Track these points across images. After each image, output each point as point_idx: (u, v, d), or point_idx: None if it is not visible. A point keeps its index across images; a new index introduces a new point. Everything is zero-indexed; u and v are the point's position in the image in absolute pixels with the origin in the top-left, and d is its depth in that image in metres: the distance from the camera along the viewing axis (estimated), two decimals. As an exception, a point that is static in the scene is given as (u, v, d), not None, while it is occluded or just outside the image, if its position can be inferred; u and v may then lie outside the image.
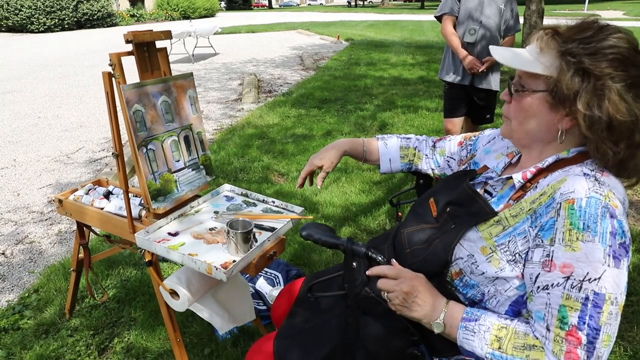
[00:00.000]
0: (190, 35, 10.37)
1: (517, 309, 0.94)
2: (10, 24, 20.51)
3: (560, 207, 0.85)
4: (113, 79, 1.34)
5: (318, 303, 1.24)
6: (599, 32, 0.89)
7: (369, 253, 1.00)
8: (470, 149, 1.29)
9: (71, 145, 4.83)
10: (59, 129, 5.38)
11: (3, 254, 2.79)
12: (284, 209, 1.60)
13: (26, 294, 2.34)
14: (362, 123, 5.22)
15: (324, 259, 2.53)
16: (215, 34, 12.50)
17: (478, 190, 1.06)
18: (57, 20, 21.16)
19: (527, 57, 0.94)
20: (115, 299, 2.24)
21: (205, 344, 1.95)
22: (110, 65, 1.32)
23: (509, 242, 0.92)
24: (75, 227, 1.84)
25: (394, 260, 1.00)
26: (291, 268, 2.36)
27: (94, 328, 2.06)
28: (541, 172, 0.96)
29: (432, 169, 1.39)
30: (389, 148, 1.42)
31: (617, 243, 0.82)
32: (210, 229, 1.45)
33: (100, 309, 2.18)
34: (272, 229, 1.44)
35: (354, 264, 1.01)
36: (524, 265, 0.90)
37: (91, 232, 1.89)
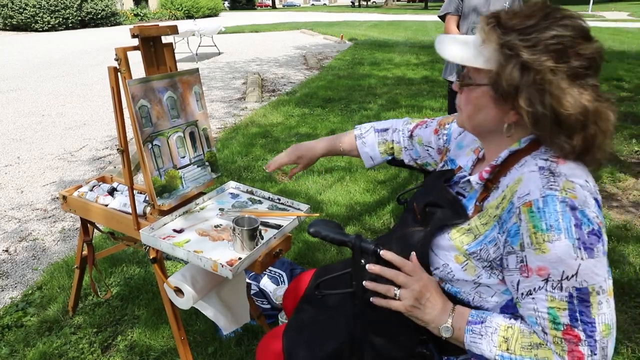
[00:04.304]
0: (194, 35, 10.37)
1: (510, 313, 0.92)
2: (14, 22, 20.57)
3: (519, 211, 0.83)
4: (119, 73, 1.32)
5: (325, 300, 1.22)
6: (542, 20, 0.82)
7: (378, 250, 0.98)
8: (446, 139, 1.25)
9: (75, 143, 4.83)
10: (62, 127, 5.38)
11: (6, 251, 2.79)
12: (289, 206, 1.58)
13: (29, 291, 2.34)
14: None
15: (329, 258, 2.52)
16: (219, 33, 12.48)
17: (454, 191, 1.05)
18: (61, 19, 21.20)
19: (470, 51, 0.89)
20: (118, 297, 2.23)
21: (209, 342, 1.94)
22: (116, 60, 1.31)
23: (480, 250, 0.90)
24: (79, 224, 1.83)
25: (414, 253, 0.98)
26: (295, 267, 2.35)
27: (98, 326, 2.05)
28: (499, 170, 0.93)
29: (414, 160, 1.35)
30: (367, 146, 1.40)
31: (585, 233, 0.78)
32: (216, 226, 1.44)
33: (104, 306, 2.17)
34: (278, 227, 1.43)
35: (362, 261, 1.00)
36: (502, 272, 0.89)
37: (95, 229, 1.88)
